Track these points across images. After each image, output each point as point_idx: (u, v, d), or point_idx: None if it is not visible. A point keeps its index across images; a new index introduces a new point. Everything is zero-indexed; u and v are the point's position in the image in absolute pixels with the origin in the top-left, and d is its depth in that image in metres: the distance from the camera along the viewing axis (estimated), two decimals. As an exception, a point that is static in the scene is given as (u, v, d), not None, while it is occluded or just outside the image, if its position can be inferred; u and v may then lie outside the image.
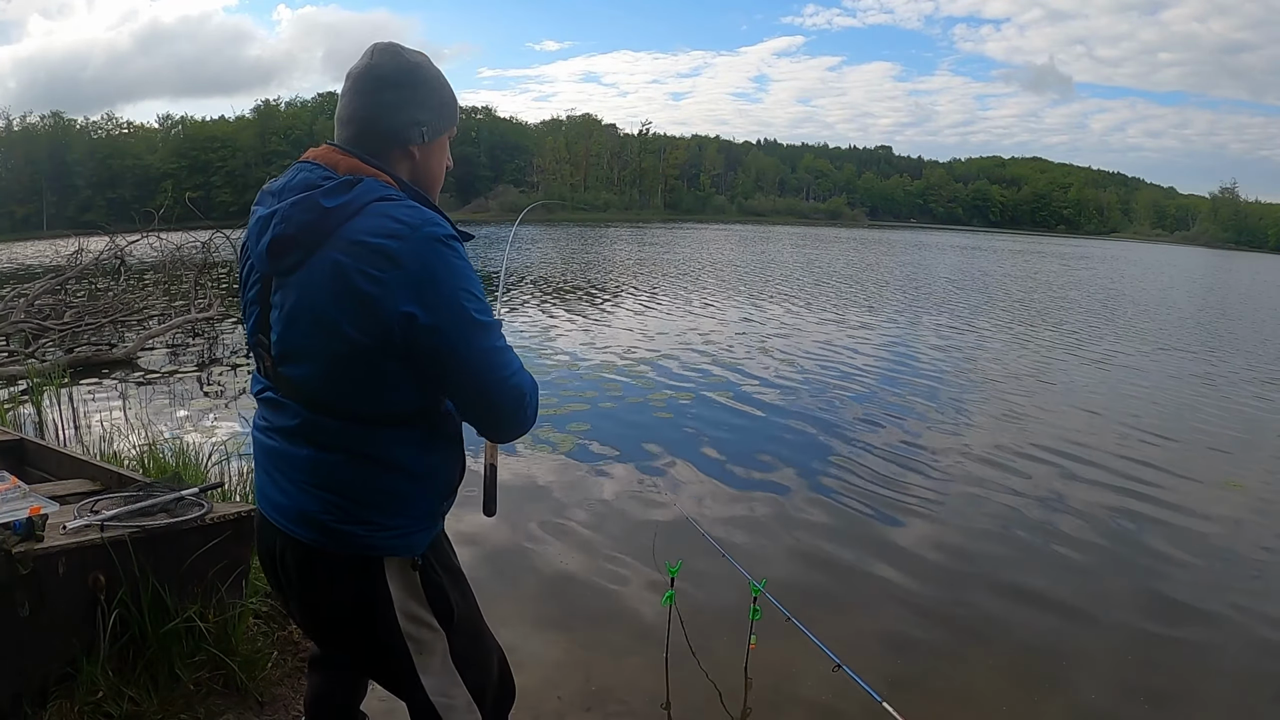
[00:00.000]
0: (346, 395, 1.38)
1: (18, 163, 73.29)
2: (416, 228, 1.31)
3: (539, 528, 4.56)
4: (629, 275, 21.58)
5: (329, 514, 1.42)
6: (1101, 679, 3.25)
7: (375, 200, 1.34)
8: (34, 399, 6.66)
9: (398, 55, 1.46)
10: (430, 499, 1.51)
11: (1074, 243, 76.83)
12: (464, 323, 1.33)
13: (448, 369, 1.37)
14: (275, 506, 1.49)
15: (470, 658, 1.61)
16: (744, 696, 2.99)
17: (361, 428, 1.40)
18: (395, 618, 1.47)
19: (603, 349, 10.29)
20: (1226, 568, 4.41)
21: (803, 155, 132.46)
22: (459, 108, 1.59)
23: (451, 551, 1.67)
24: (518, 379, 1.43)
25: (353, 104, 1.45)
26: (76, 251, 13.95)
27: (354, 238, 1.31)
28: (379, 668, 1.59)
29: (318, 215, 1.33)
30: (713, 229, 63.85)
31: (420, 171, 1.50)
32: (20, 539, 2.20)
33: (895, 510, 5.01)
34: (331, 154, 1.43)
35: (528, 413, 1.47)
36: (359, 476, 1.42)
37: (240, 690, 2.57)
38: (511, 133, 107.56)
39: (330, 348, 1.35)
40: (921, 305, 16.91)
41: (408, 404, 1.41)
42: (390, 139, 1.45)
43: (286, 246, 1.35)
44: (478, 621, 1.69)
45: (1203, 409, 8.29)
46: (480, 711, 1.63)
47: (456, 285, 1.33)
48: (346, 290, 1.30)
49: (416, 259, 1.29)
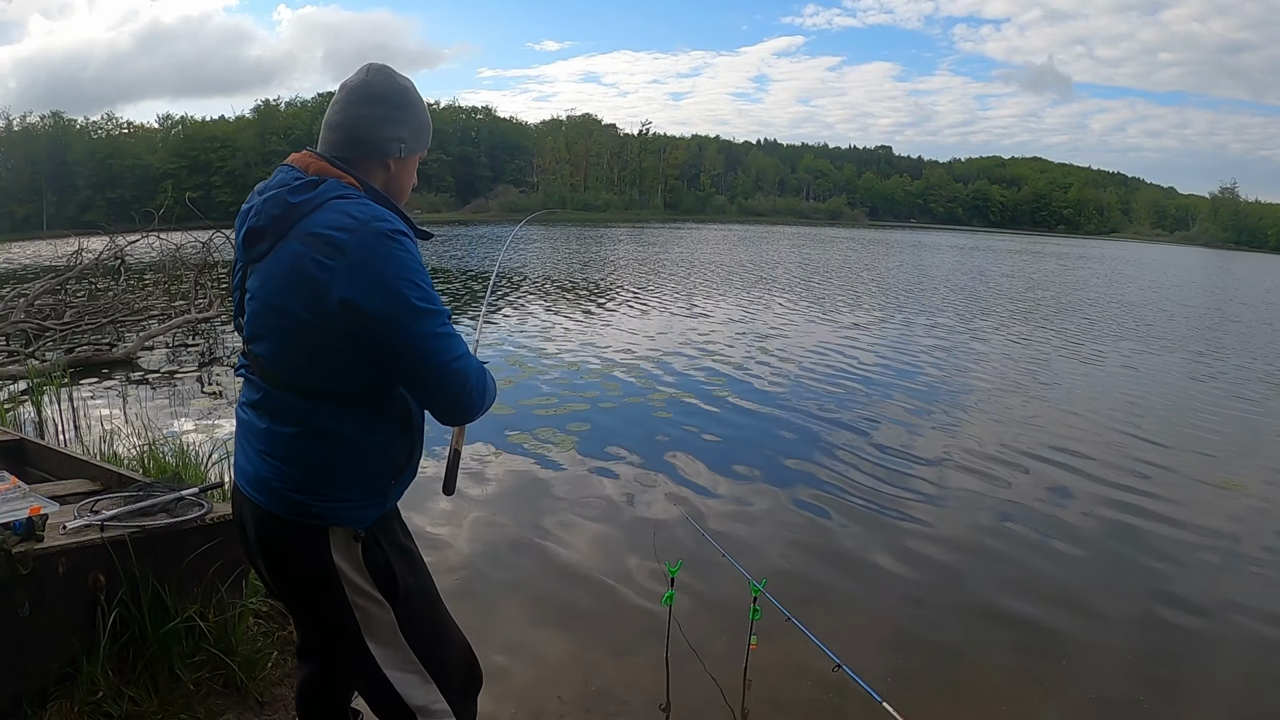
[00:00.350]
0: (300, 372, 1.52)
1: (18, 163, 73.20)
2: (365, 222, 1.45)
3: (539, 527, 4.56)
4: (629, 275, 21.58)
5: (281, 481, 1.55)
6: (1101, 678, 3.25)
7: (334, 198, 1.49)
8: (34, 399, 6.67)
9: (391, 76, 1.63)
10: (375, 476, 1.59)
11: (1074, 243, 76.83)
12: (405, 309, 1.44)
13: (390, 353, 1.47)
14: (242, 473, 1.63)
15: (422, 636, 1.67)
16: (744, 696, 2.99)
17: (313, 404, 1.52)
18: (341, 586, 1.57)
19: (603, 349, 10.29)
20: (1227, 566, 4.42)
21: (803, 155, 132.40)
22: (433, 133, 1.76)
23: (404, 532, 1.73)
24: (460, 364, 1.52)
25: (343, 113, 1.60)
26: (76, 251, 13.94)
27: (311, 230, 1.46)
28: (333, 636, 1.67)
29: (283, 209, 1.50)
30: (713, 229, 63.85)
31: (393, 183, 1.66)
32: (20, 539, 2.20)
33: (895, 510, 5.01)
34: (305, 158, 1.58)
35: (472, 396, 1.56)
36: (308, 449, 1.54)
37: (240, 690, 2.58)
38: (511, 133, 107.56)
39: (285, 327, 1.50)
40: (921, 305, 16.91)
41: (355, 383, 1.52)
42: (373, 149, 1.60)
43: (257, 237, 1.53)
44: (433, 603, 1.76)
45: (1203, 409, 8.29)
46: (443, 694, 1.69)
47: (398, 274, 1.44)
48: (300, 276, 1.45)
49: (362, 249, 1.43)
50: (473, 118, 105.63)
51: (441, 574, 3.92)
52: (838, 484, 5.44)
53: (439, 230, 49.51)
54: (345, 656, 1.68)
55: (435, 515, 4.68)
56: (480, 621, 3.50)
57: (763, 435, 6.60)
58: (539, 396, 7.62)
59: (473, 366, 1.55)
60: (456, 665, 1.77)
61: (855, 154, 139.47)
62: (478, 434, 6.19)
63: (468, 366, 1.53)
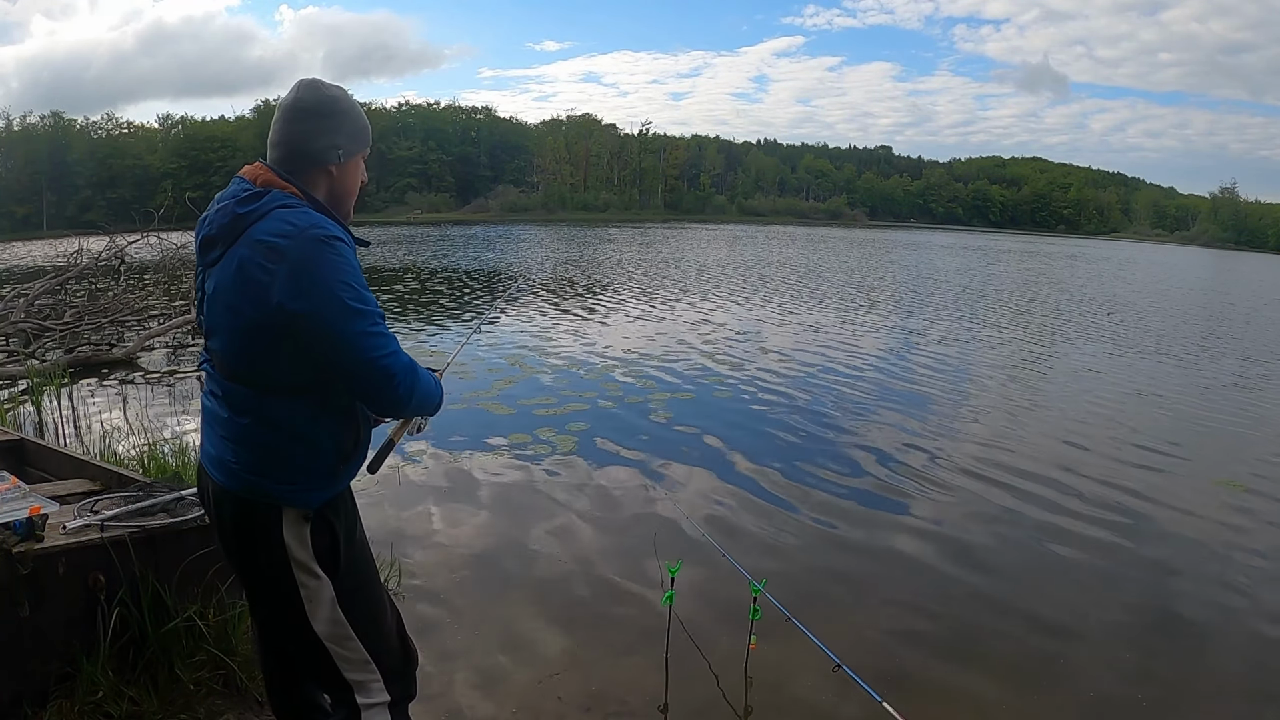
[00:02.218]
0: (250, 366, 1.66)
1: (18, 163, 73.17)
2: (304, 229, 1.59)
3: (539, 527, 4.56)
4: (629, 275, 21.59)
5: (239, 463, 1.70)
6: (1101, 678, 3.25)
7: (278, 207, 1.62)
8: (34, 399, 6.67)
9: (319, 90, 1.75)
10: (323, 462, 1.72)
11: (1074, 243, 76.86)
12: (337, 310, 1.57)
13: (323, 348, 1.59)
14: (206, 455, 1.79)
15: (360, 611, 1.81)
16: (744, 696, 2.99)
17: (263, 396, 1.67)
18: (288, 561, 1.71)
19: (603, 349, 10.30)
20: (1227, 567, 4.41)
21: (803, 155, 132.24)
22: (371, 132, 1.86)
23: (352, 513, 1.84)
24: (388, 361, 1.63)
25: (281, 131, 1.73)
26: (76, 251, 13.94)
27: (256, 236, 1.60)
28: (278, 609, 1.79)
29: (232, 219, 1.64)
30: (713, 229, 63.88)
31: (337, 187, 1.78)
32: (20, 539, 2.21)
33: (895, 511, 5.01)
34: (255, 169, 1.72)
35: (399, 391, 1.67)
36: (261, 437, 1.68)
37: (240, 690, 2.58)
38: (511, 133, 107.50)
39: (235, 325, 1.64)
40: (922, 305, 16.91)
41: (300, 377, 1.64)
42: (312, 160, 1.73)
43: (210, 244, 1.69)
44: (372, 582, 1.91)
45: (1203, 409, 8.29)
46: (378, 668, 1.84)
47: (333, 277, 1.57)
48: (247, 279, 1.59)
49: (299, 253, 1.56)
50: (473, 118, 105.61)
51: (442, 574, 3.94)
52: (838, 484, 5.43)
53: (439, 230, 49.62)
54: (288, 630, 1.79)
55: (436, 515, 4.68)
56: (480, 621, 3.50)
57: (763, 435, 6.60)
58: (539, 396, 7.62)
59: (401, 363, 1.66)
60: (392, 642, 1.91)
61: (855, 154, 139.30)
62: (478, 434, 6.20)
63: (396, 363, 1.64)
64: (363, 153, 1.82)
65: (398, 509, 4.73)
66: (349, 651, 1.79)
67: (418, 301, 15.34)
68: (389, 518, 4.56)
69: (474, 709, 2.87)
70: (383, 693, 1.85)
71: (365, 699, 1.83)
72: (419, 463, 5.54)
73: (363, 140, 1.81)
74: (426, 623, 3.36)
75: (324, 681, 1.85)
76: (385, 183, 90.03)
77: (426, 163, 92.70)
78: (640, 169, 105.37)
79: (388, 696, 1.86)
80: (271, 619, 1.88)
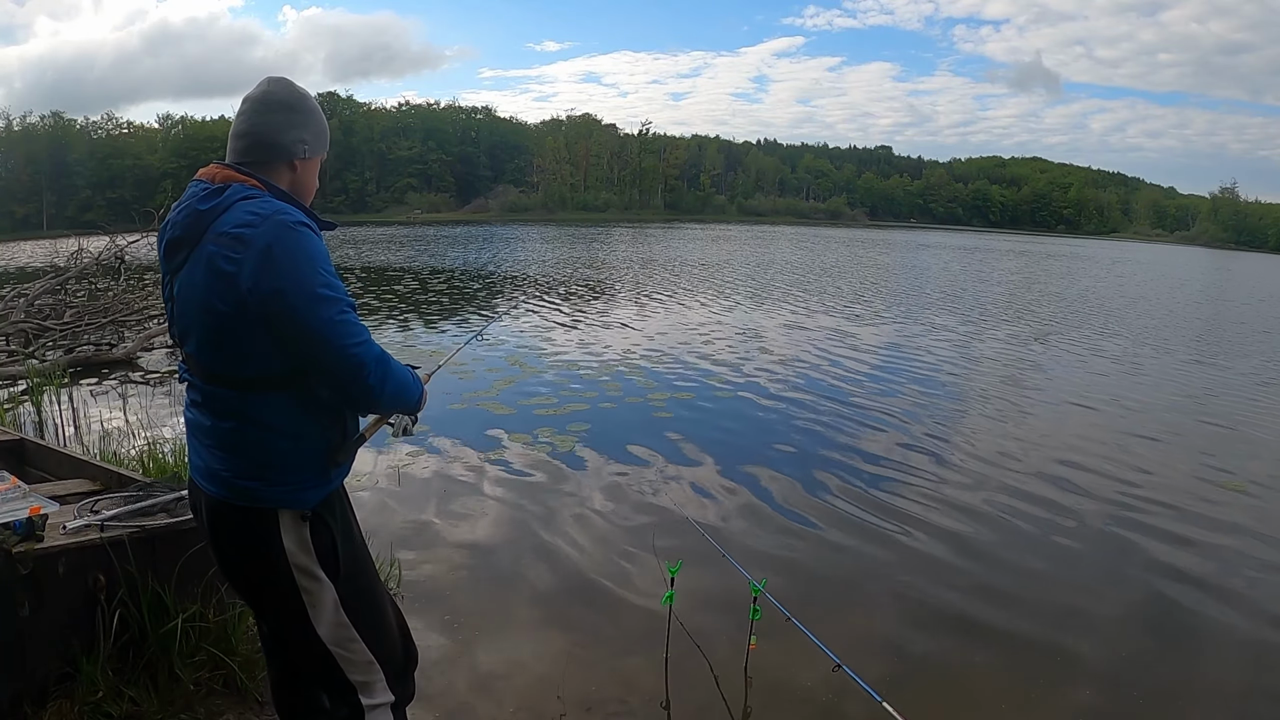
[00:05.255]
0: (227, 361, 1.63)
1: (18, 163, 73.21)
2: (268, 216, 1.57)
3: (539, 528, 4.56)
4: (629, 275, 21.59)
5: (229, 470, 1.67)
6: (1101, 678, 3.25)
7: (240, 199, 1.61)
8: (34, 399, 6.67)
9: (290, 85, 1.78)
10: (314, 459, 1.70)
11: (1074, 243, 76.84)
12: (305, 295, 1.55)
13: (293, 335, 1.57)
14: (194, 467, 1.77)
15: (362, 612, 1.80)
16: (744, 696, 2.99)
17: (245, 395, 1.64)
18: (289, 566, 1.69)
19: (603, 349, 10.29)
20: (1227, 567, 4.41)
21: (803, 155, 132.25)
22: (330, 141, 1.88)
23: (348, 512, 1.83)
24: (358, 349, 1.60)
25: (249, 121, 1.72)
26: (76, 251, 13.94)
27: (220, 230, 1.59)
28: (281, 615, 1.78)
29: (194, 218, 1.63)
30: (713, 229, 63.86)
31: (298, 183, 1.78)
32: (20, 539, 2.20)
33: (895, 511, 5.01)
34: (212, 169, 1.70)
35: (368, 382, 1.63)
36: (248, 439, 1.66)
37: (240, 690, 2.57)
38: (511, 133, 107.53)
39: (208, 322, 1.62)
40: (922, 305, 16.91)
41: (276, 367, 1.62)
42: (278, 151, 1.73)
43: (175, 247, 1.67)
44: (372, 582, 1.89)
45: (1203, 409, 8.29)
46: (381, 668, 1.83)
47: (300, 261, 1.55)
48: (214, 272, 1.58)
49: (265, 239, 1.54)
50: (473, 118, 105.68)
51: (442, 574, 3.94)
52: (838, 485, 5.43)
53: (438, 230, 49.60)
54: (292, 635, 1.79)
55: (436, 515, 4.68)
56: (481, 621, 3.50)
57: (763, 435, 6.59)
58: (539, 396, 7.62)
59: (372, 353, 1.63)
60: (394, 641, 1.90)
61: (855, 154, 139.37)
62: (478, 434, 6.19)
63: (366, 353, 1.61)
64: (321, 155, 1.84)
65: (398, 509, 4.73)
66: (353, 653, 1.79)
67: (418, 301, 15.35)
68: (389, 518, 4.56)
69: (474, 709, 2.87)
70: (386, 693, 1.84)
71: (369, 699, 1.82)
72: (419, 463, 5.53)
73: (324, 142, 1.83)
74: (426, 623, 3.36)
75: (328, 683, 1.84)
76: (385, 183, 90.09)
77: (426, 163, 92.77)
78: (640, 169, 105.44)
79: (391, 697, 1.86)
80: (275, 626, 1.87)
